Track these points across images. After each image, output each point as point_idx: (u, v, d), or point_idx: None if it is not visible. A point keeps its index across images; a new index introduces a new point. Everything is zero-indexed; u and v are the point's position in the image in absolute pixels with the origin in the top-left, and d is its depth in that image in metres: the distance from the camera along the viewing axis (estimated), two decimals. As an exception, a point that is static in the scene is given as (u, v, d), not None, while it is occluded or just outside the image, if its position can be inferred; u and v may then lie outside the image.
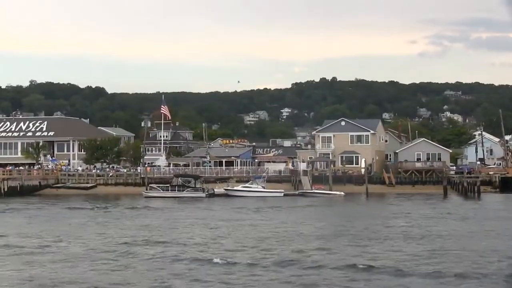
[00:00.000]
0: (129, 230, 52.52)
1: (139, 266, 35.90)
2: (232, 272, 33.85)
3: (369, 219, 61.19)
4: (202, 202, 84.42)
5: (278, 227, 54.27)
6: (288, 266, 35.23)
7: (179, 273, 33.84)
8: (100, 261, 37.27)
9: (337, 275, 32.89)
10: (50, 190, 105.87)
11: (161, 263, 36.52)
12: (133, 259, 37.90)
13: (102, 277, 33.08)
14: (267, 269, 34.56)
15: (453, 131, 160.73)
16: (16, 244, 43.45)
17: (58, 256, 39.09)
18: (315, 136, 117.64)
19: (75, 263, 36.76)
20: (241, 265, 35.72)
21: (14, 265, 36.21)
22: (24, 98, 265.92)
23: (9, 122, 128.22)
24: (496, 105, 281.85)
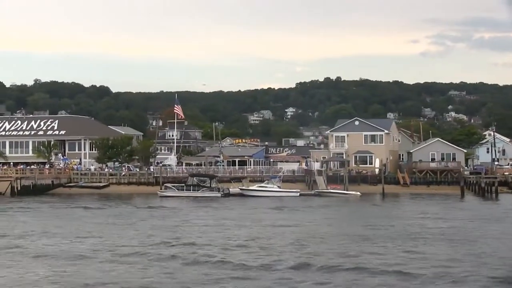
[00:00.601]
0: (163, 230, 51.22)
1: (195, 268, 34.52)
2: (301, 279, 32.18)
3: (401, 219, 60.18)
4: (220, 202, 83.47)
5: (313, 227, 53.48)
6: (357, 271, 33.46)
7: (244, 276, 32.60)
8: (152, 263, 36.24)
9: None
10: (63, 189, 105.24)
11: (212, 266, 35.17)
12: (183, 261, 36.58)
13: (167, 280, 32.16)
14: (334, 274, 32.99)
15: (463, 131, 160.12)
16: (65, 248, 42.02)
17: (111, 257, 38.12)
18: (329, 135, 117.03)
19: (131, 264, 35.79)
20: (298, 270, 33.98)
21: (79, 269, 34.92)
22: (28, 97, 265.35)
23: (20, 121, 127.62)
24: (501, 105, 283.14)
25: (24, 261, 36.94)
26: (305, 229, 52.22)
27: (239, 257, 37.63)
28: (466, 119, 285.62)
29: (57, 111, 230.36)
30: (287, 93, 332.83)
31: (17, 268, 34.72)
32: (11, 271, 33.97)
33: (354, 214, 69.04)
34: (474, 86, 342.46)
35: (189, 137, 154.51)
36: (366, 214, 67.80)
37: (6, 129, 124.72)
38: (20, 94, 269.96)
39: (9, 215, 66.86)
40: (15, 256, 38.81)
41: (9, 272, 33.81)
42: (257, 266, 34.67)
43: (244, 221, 58.78)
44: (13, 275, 33.02)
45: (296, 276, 32.37)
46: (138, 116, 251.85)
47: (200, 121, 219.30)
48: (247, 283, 31.21)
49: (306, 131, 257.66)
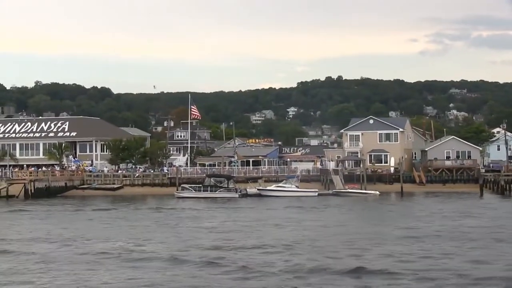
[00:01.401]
0: (206, 233, 50.11)
1: (287, 277, 32.68)
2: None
3: (438, 219, 59.20)
4: (240, 203, 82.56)
5: (355, 227, 52.53)
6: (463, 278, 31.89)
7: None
8: (211, 266, 35.10)
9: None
10: (76, 191, 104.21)
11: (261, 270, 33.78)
12: (234, 265, 35.26)
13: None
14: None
15: (471, 129, 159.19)
16: (102, 250, 40.89)
17: (160, 262, 36.79)
18: (343, 134, 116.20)
19: (182, 268, 34.67)
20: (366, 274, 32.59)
21: (128, 273, 33.80)
22: (29, 99, 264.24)
23: (30, 122, 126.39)
24: (502, 102, 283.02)
25: (124, 266, 35.62)
26: (351, 229, 51.13)
27: (315, 260, 36.11)
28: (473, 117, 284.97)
29: (58, 113, 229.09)
30: (288, 93, 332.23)
31: (119, 273, 33.58)
32: (116, 277, 32.89)
33: (388, 214, 67.34)
34: (474, 84, 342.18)
35: (198, 137, 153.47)
36: (400, 214, 66.48)
37: (16, 131, 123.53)
38: (21, 96, 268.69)
39: (46, 219, 65.04)
40: (111, 261, 37.33)
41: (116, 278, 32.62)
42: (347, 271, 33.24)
43: (283, 222, 57.61)
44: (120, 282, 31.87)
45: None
46: (141, 117, 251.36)
47: (204, 122, 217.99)
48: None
49: (309, 131, 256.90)
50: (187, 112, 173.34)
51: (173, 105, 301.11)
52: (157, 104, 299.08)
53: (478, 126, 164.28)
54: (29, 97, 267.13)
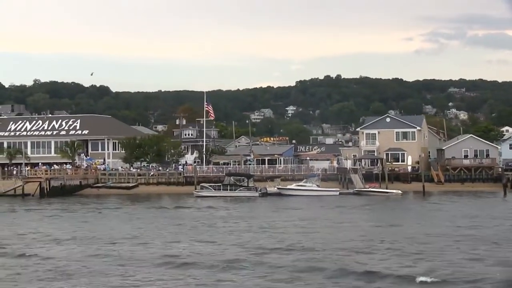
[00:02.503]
0: (254, 233, 48.48)
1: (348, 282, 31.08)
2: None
3: (484, 218, 58.07)
4: (263, 202, 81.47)
5: (404, 228, 51.06)
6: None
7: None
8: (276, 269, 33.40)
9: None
10: (91, 190, 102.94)
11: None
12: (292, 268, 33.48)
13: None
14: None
15: (480, 128, 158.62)
16: (171, 253, 38.69)
17: (251, 265, 34.44)
18: (359, 133, 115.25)
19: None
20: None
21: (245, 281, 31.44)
22: (28, 97, 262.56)
23: (41, 120, 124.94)
24: (503, 101, 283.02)
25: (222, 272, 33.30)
26: (405, 230, 49.50)
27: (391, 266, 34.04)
28: (467, 116, 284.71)
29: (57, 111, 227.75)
30: (287, 92, 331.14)
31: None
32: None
33: (432, 214, 64.86)
34: (473, 83, 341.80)
35: (206, 136, 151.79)
36: (446, 214, 64.25)
37: (27, 129, 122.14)
38: (19, 95, 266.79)
39: (86, 218, 62.62)
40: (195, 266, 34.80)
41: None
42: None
43: (334, 222, 56.21)
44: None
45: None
46: (141, 115, 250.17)
47: (210, 121, 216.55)
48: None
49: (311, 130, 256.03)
50: (192, 110, 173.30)
51: (172, 104, 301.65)
52: (156, 102, 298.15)
53: (487, 125, 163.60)
54: (27, 96, 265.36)
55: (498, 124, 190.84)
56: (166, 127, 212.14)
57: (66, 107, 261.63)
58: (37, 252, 39.33)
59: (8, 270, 33.74)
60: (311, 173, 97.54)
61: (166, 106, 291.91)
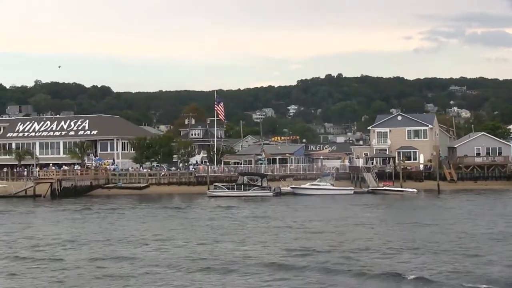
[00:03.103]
0: (292, 232, 47.62)
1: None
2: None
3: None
4: (279, 202, 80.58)
5: (439, 227, 50.16)
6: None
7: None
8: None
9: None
10: (102, 190, 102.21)
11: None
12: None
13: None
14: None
15: (487, 126, 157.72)
16: (218, 254, 37.86)
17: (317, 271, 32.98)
18: (370, 131, 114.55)
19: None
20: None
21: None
22: (30, 98, 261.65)
23: (49, 121, 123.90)
24: (504, 99, 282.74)
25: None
26: (449, 229, 48.52)
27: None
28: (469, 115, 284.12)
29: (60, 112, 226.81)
30: (288, 91, 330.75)
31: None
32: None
33: (459, 212, 63.97)
34: (474, 81, 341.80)
35: (213, 135, 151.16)
36: (474, 212, 63.52)
37: (35, 130, 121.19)
38: (21, 96, 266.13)
39: (113, 219, 61.60)
40: (257, 268, 33.55)
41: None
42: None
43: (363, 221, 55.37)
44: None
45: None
46: (144, 115, 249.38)
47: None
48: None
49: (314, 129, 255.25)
50: (198, 110, 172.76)
51: (174, 104, 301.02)
52: (158, 102, 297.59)
53: (494, 123, 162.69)
54: (29, 97, 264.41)
55: (502, 122, 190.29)
56: (169, 127, 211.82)
57: (68, 107, 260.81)
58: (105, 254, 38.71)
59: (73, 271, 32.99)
60: (325, 172, 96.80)
61: (168, 106, 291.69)
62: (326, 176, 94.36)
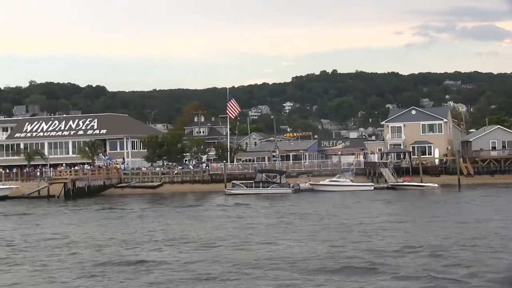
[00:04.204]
0: (339, 231, 45.52)
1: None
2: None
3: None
4: (301, 198, 79.47)
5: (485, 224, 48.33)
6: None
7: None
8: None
9: None
10: (115, 190, 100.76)
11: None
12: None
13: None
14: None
15: (492, 119, 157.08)
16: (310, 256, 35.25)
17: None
18: (384, 126, 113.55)
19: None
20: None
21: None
22: (25, 98, 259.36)
23: (57, 121, 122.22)
24: (499, 93, 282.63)
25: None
26: (489, 226, 47.18)
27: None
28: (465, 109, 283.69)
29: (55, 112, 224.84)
30: (283, 88, 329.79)
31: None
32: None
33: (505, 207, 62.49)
34: (468, 75, 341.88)
35: (217, 133, 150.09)
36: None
37: (43, 129, 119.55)
38: (16, 96, 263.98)
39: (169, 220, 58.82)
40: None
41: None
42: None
43: (405, 217, 54.32)
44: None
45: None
46: (141, 114, 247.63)
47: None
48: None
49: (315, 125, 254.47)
50: (201, 108, 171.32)
51: (169, 102, 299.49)
52: (153, 101, 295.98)
53: (500, 116, 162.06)
54: (24, 97, 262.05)
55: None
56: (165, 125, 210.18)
57: (64, 108, 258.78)
58: (156, 257, 36.56)
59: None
60: (344, 168, 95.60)
61: (163, 105, 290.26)
62: (345, 172, 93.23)
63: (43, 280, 31.21)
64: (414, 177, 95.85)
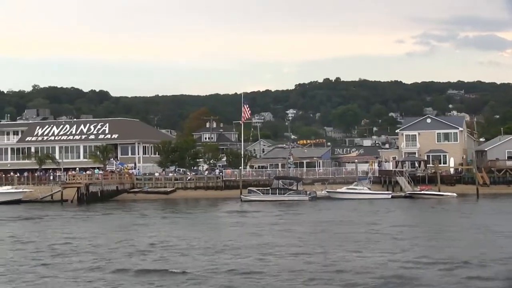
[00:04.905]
0: (388, 240, 44.98)
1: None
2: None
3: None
4: (320, 206, 78.53)
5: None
6: None
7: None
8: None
9: None
10: (128, 195, 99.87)
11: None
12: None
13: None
14: None
15: (506, 129, 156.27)
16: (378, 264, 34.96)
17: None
18: (399, 134, 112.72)
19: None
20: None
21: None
22: (28, 103, 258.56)
23: (68, 125, 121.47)
24: (503, 102, 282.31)
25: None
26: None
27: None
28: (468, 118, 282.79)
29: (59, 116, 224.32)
30: (286, 95, 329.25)
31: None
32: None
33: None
34: (472, 84, 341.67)
35: (226, 139, 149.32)
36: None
37: (54, 133, 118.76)
38: (19, 101, 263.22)
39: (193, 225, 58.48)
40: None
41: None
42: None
43: (448, 227, 53.29)
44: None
45: None
46: (145, 120, 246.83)
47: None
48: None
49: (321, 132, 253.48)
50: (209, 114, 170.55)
51: (171, 108, 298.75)
52: (156, 107, 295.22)
53: (510, 125, 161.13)
54: (27, 101, 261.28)
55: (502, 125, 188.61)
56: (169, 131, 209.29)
57: (67, 112, 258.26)
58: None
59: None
60: (361, 176, 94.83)
61: (166, 111, 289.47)
62: (363, 180, 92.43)
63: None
64: (429, 186, 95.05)
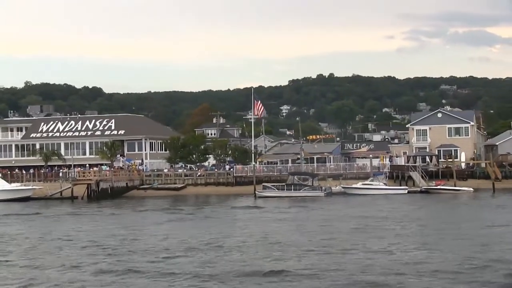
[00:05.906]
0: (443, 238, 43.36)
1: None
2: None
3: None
4: (341, 202, 77.62)
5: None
6: None
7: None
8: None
9: None
10: (137, 191, 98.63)
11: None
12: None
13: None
14: None
15: (506, 123, 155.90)
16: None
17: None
18: (409, 129, 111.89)
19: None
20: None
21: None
22: (21, 99, 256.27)
23: (73, 121, 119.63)
24: (495, 98, 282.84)
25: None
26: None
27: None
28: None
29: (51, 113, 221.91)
30: (279, 91, 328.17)
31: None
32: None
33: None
34: (464, 80, 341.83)
35: (229, 135, 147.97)
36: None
37: (60, 130, 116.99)
38: (11, 97, 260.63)
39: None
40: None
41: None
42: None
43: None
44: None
45: None
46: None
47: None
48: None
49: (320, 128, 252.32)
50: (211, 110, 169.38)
51: (165, 104, 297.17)
52: (149, 103, 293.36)
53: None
54: (20, 98, 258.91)
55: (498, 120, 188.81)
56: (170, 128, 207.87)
57: (60, 109, 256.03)
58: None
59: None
60: (377, 171, 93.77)
61: (160, 107, 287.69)
62: (378, 175, 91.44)
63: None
64: (443, 180, 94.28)
